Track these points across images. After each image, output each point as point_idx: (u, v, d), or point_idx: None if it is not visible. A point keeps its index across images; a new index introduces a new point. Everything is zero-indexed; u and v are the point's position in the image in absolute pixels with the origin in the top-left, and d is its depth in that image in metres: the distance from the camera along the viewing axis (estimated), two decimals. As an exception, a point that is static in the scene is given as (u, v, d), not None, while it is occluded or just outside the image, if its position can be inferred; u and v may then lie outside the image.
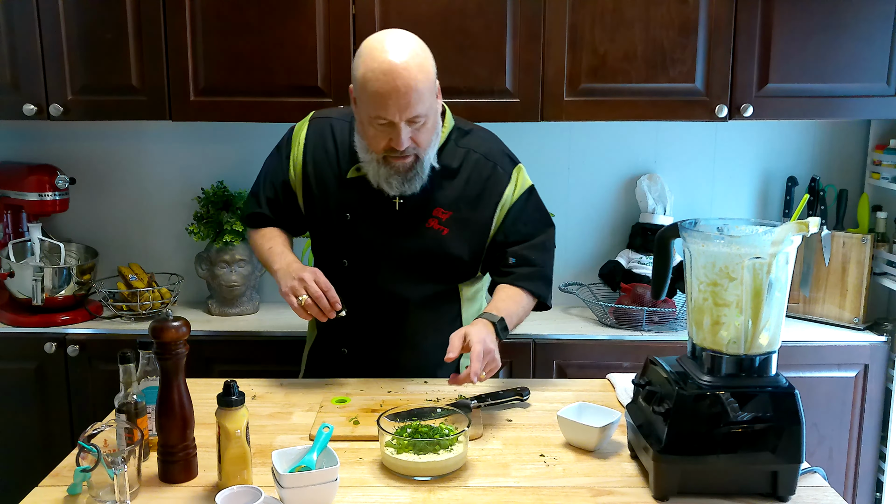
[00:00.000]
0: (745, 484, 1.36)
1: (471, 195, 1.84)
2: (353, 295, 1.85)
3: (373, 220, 1.84)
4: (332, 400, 1.72)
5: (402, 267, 1.85)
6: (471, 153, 1.85)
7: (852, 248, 2.54)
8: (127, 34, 2.40)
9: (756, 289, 1.33)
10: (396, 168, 1.74)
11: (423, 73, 1.65)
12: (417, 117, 1.67)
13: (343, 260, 1.87)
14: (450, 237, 1.83)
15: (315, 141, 1.88)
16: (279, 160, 1.93)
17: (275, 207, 1.94)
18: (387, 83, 1.62)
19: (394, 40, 1.66)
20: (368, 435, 1.55)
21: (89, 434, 1.34)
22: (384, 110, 1.64)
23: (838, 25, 2.36)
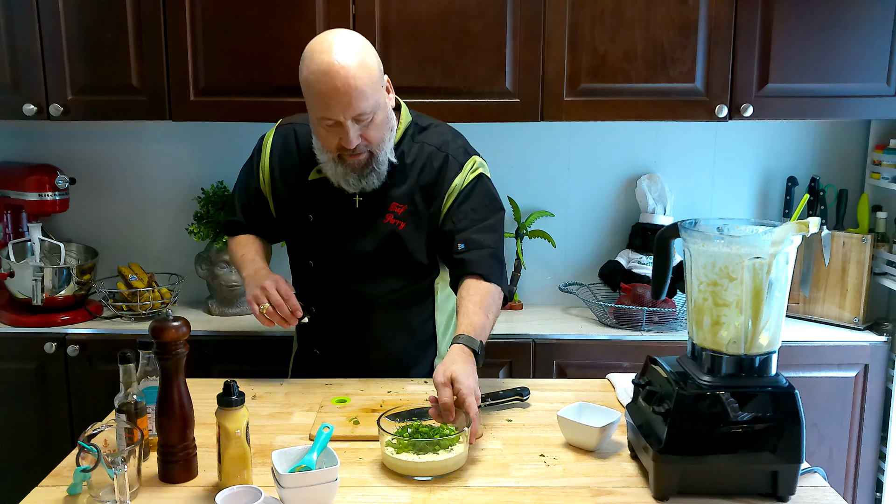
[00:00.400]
0: (745, 484, 1.36)
1: (424, 187, 1.84)
2: (321, 296, 1.89)
3: (334, 220, 1.86)
4: (332, 400, 1.72)
5: (364, 265, 1.86)
6: (425, 146, 1.86)
7: (852, 248, 2.54)
8: (127, 34, 2.40)
9: (756, 289, 1.33)
10: (352, 165, 1.76)
11: (364, 69, 1.65)
12: (362, 115, 1.68)
13: (309, 261, 1.90)
14: (406, 231, 1.84)
15: (281, 147, 1.92)
16: (250, 168, 1.97)
17: (248, 214, 1.97)
18: (326, 83, 1.64)
19: (333, 40, 1.67)
20: (368, 435, 1.55)
21: (89, 434, 1.34)
22: (328, 110, 1.67)
23: (838, 25, 2.36)
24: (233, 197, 2.04)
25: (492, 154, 2.66)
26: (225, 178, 2.73)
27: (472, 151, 1.90)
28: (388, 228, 1.84)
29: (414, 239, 1.85)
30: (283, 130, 1.94)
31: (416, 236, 1.85)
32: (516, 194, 2.74)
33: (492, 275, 1.78)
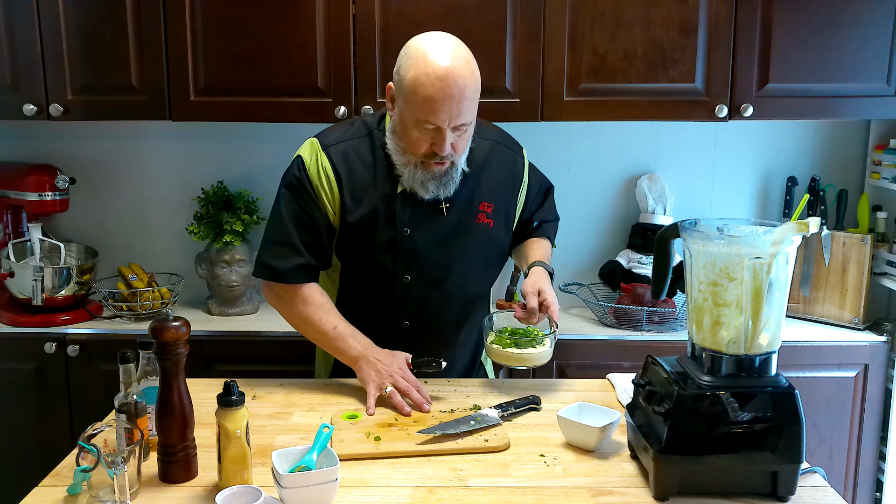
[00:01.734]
0: (745, 484, 1.36)
1: (504, 183, 1.91)
2: (418, 310, 1.86)
3: (430, 230, 1.82)
4: (342, 416, 1.65)
5: (464, 267, 1.87)
6: (495, 145, 1.91)
7: (852, 248, 2.54)
8: (127, 34, 2.40)
9: (756, 289, 1.33)
10: (433, 173, 1.74)
11: (475, 81, 1.66)
12: (464, 125, 1.68)
13: (405, 276, 1.83)
14: (496, 227, 1.89)
15: (344, 168, 1.79)
16: (306, 200, 1.79)
17: (317, 252, 1.81)
18: (441, 90, 1.60)
19: (447, 45, 1.65)
20: (396, 451, 1.50)
21: (89, 434, 1.34)
22: (434, 116, 1.63)
23: (838, 25, 2.36)
24: (286, 238, 1.79)
25: (492, 154, 2.67)
26: (225, 178, 2.73)
27: (520, 144, 2.01)
28: (482, 228, 1.87)
29: (502, 233, 1.91)
30: (338, 151, 1.79)
31: (502, 230, 1.91)
32: (516, 194, 2.74)
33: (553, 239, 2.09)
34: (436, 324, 1.89)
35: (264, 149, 2.77)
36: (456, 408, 1.70)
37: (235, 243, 2.59)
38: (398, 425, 1.61)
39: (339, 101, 2.41)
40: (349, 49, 2.39)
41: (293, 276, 1.80)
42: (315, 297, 1.82)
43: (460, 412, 1.67)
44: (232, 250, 2.59)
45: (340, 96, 2.41)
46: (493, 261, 1.95)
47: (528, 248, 1.97)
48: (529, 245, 1.98)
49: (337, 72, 2.40)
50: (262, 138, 2.76)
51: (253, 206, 2.67)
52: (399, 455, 1.49)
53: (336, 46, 2.39)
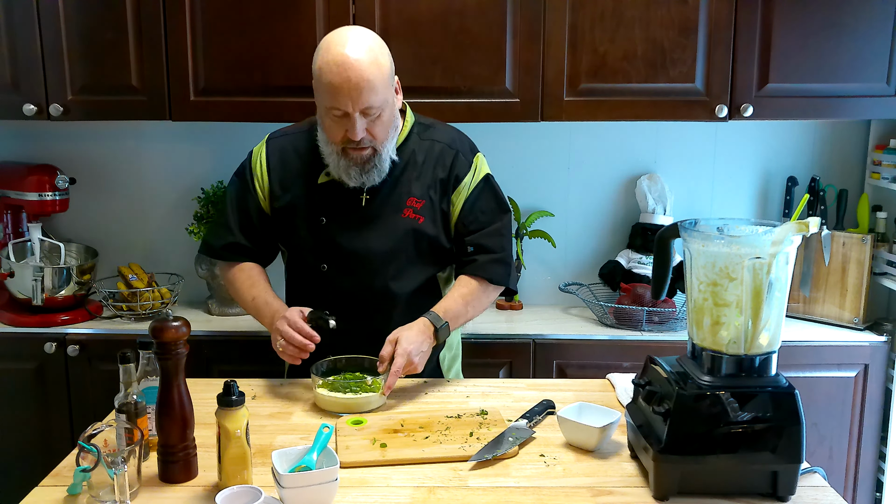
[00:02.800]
0: (745, 484, 1.36)
1: (438, 182, 1.90)
2: (335, 299, 1.88)
3: (347, 219, 1.88)
4: (347, 422, 1.64)
5: (383, 261, 1.88)
6: (434, 143, 1.92)
7: (852, 248, 2.54)
8: (127, 34, 2.40)
9: (756, 289, 1.33)
10: (354, 160, 1.80)
11: (377, 66, 1.72)
12: (370, 109, 1.73)
13: (322, 265, 1.90)
14: (425, 224, 1.88)
15: (277, 158, 1.93)
16: (243, 185, 1.95)
17: (249, 233, 1.95)
18: (339, 74, 1.69)
19: (349, 35, 1.74)
20: (403, 459, 1.49)
21: (89, 434, 1.34)
22: (337, 101, 1.71)
23: (838, 25, 2.36)
24: (224, 218, 1.97)
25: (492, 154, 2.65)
26: (225, 178, 2.71)
27: (476, 148, 1.98)
28: (407, 224, 1.87)
29: (433, 230, 1.89)
30: (275, 143, 1.96)
31: (435, 228, 1.90)
32: (516, 194, 2.74)
33: (494, 278, 1.92)
34: (357, 316, 1.88)
35: (264, 149, 2.77)
36: (462, 413, 1.69)
37: (235, 243, 2.58)
38: (404, 431, 1.60)
39: (339, 101, 2.41)
40: (349, 49, 2.39)
41: (226, 253, 1.96)
42: (243, 272, 1.95)
43: (467, 417, 1.67)
44: (232, 250, 2.59)
45: (340, 96, 2.41)
46: (424, 259, 1.91)
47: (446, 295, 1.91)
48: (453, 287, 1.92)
49: (337, 72, 2.40)
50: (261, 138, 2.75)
51: (253, 206, 2.67)
52: (406, 462, 1.48)
53: (336, 46, 2.39)
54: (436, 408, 1.74)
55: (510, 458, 1.51)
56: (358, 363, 1.83)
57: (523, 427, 1.61)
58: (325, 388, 1.73)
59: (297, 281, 2.00)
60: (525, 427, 1.61)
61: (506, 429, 1.60)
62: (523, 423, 1.63)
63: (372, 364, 1.80)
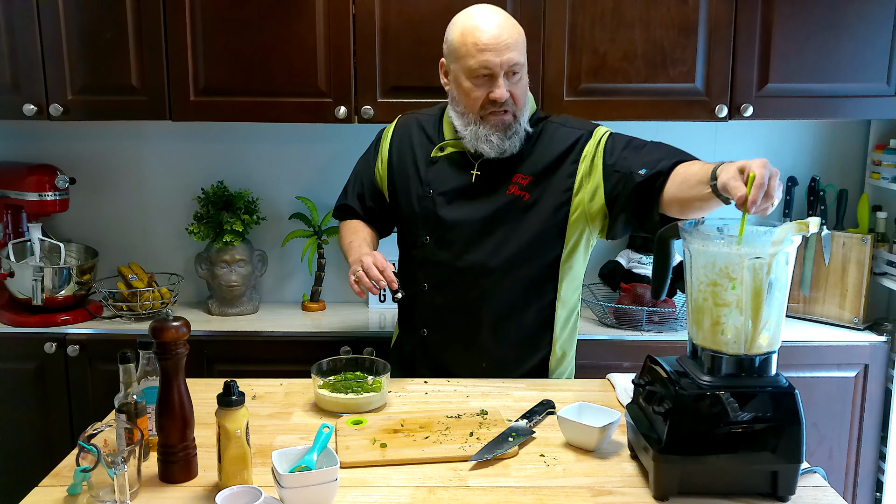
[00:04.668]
0: (745, 484, 1.36)
1: (549, 159, 1.89)
2: (435, 273, 1.92)
3: (453, 193, 1.91)
4: (346, 422, 1.64)
5: (481, 235, 1.88)
6: (549, 123, 1.94)
7: (852, 248, 2.54)
8: (127, 34, 2.40)
9: (756, 289, 1.33)
10: (495, 125, 1.83)
11: (517, 29, 1.82)
12: (515, 67, 1.80)
13: (425, 237, 1.92)
14: (531, 202, 1.87)
15: (401, 135, 2.03)
16: (366, 160, 2.09)
17: (362, 201, 2.07)
18: (487, 32, 1.78)
19: (486, 7, 1.85)
20: (403, 459, 1.49)
21: (89, 434, 1.34)
22: (485, 59, 1.77)
23: (838, 25, 2.36)
24: (348, 183, 2.12)
25: (492, 154, 2.67)
26: (225, 178, 2.73)
27: (595, 123, 1.95)
28: (511, 199, 1.88)
29: (539, 209, 1.87)
30: (404, 121, 2.06)
31: (540, 207, 1.87)
32: (516, 194, 2.74)
33: (686, 158, 1.73)
34: (452, 291, 1.90)
35: (264, 149, 2.77)
36: (462, 413, 1.69)
37: (235, 243, 2.59)
38: (404, 431, 1.60)
39: (339, 101, 2.41)
40: (349, 49, 2.39)
41: (338, 212, 2.14)
42: (350, 223, 2.08)
43: (467, 417, 1.67)
44: (232, 250, 2.59)
45: (340, 96, 2.41)
46: (526, 240, 1.86)
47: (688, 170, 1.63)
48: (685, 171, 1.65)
49: (337, 72, 2.40)
50: (262, 138, 2.76)
51: (253, 205, 2.67)
52: (406, 462, 1.48)
53: (336, 46, 2.39)
54: (436, 408, 1.74)
55: (510, 458, 1.51)
56: (358, 363, 1.83)
57: (523, 427, 1.61)
58: (326, 388, 1.73)
59: (404, 255, 2.04)
60: (525, 427, 1.61)
61: (506, 429, 1.60)
62: (523, 423, 1.63)
63: (372, 364, 1.80)
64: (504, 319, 1.91)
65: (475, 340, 1.92)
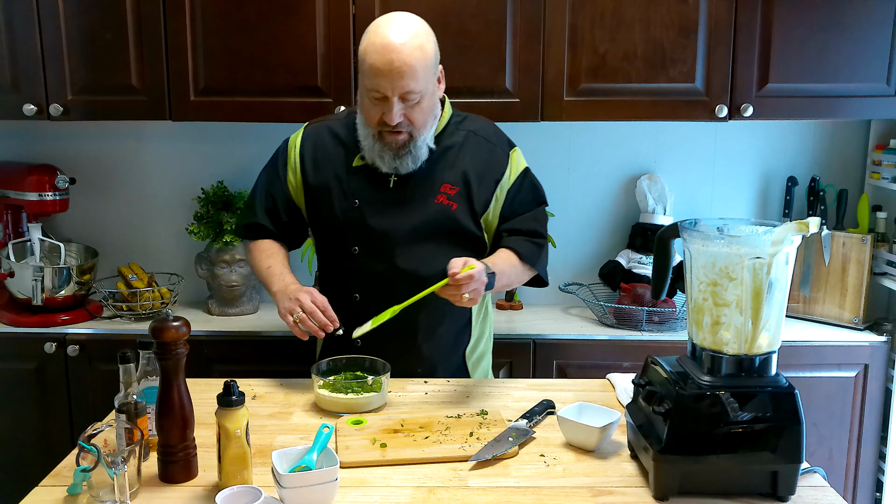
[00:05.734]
0: (745, 484, 1.36)
1: (474, 172, 1.90)
2: (365, 282, 1.90)
3: (379, 202, 1.89)
4: (346, 422, 1.64)
5: (412, 244, 1.88)
6: (471, 134, 1.94)
7: (852, 248, 2.54)
8: (127, 34, 2.40)
9: (756, 289, 1.33)
10: (389, 144, 1.81)
11: (421, 52, 1.73)
12: (410, 94, 1.74)
13: (354, 248, 1.90)
14: (458, 211, 1.88)
15: (313, 143, 1.95)
16: (275, 171, 1.98)
17: (273, 217, 1.98)
18: (382, 57, 1.71)
19: (396, 19, 1.76)
20: (403, 459, 1.49)
21: (89, 434, 1.34)
22: (378, 83, 1.72)
23: (838, 25, 2.36)
24: (252, 200, 2.02)
25: (492, 154, 2.67)
26: (225, 178, 2.73)
27: (513, 144, 1.99)
28: (440, 209, 1.88)
29: (466, 218, 1.90)
30: (312, 129, 1.98)
31: (467, 217, 1.90)
32: (516, 194, 2.74)
33: (524, 253, 1.91)
34: (385, 299, 1.86)
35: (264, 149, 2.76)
36: (462, 413, 1.69)
37: (235, 243, 2.59)
38: (404, 431, 1.60)
39: (339, 101, 2.41)
40: (349, 49, 2.39)
41: (247, 232, 2.01)
42: (261, 244, 1.98)
43: (467, 417, 1.67)
44: (232, 250, 2.59)
45: (340, 96, 2.41)
46: (455, 245, 1.89)
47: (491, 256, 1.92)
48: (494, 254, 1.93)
49: (337, 72, 2.40)
50: (262, 138, 2.75)
51: (253, 206, 2.67)
52: (406, 462, 1.48)
53: (336, 46, 2.39)
54: (436, 408, 1.74)
55: (510, 458, 1.51)
56: (358, 363, 1.83)
57: (523, 427, 1.61)
58: (326, 388, 1.73)
59: (328, 266, 2.00)
60: (525, 427, 1.61)
61: (506, 429, 1.60)
62: (523, 423, 1.63)
63: (372, 364, 1.80)
64: (437, 324, 1.94)
65: (411, 347, 1.92)
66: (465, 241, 1.92)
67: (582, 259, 2.82)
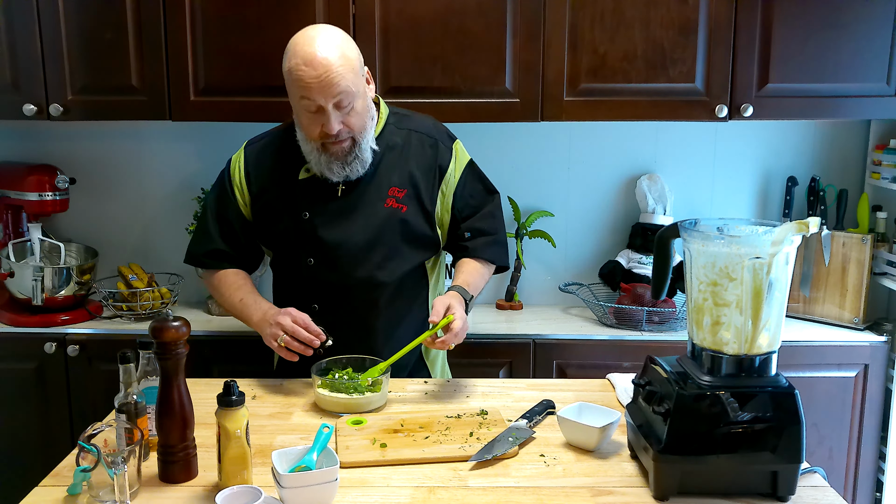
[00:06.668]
0: (745, 484, 1.36)
1: (419, 170, 1.92)
2: (322, 293, 1.91)
3: (329, 212, 1.90)
4: (347, 422, 1.64)
5: (366, 251, 1.89)
6: (412, 133, 1.96)
7: (852, 248, 2.54)
8: (127, 34, 2.40)
9: (756, 289, 1.33)
10: (335, 154, 1.83)
11: (344, 59, 1.76)
12: (343, 101, 1.76)
13: (308, 260, 1.91)
14: (409, 213, 1.90)
15: (255, 162, 1.96)
16: (222, 193, 1.98)
17: (230, 240, 1.98)
18: (308, 72, 1.74)
19: (313, 34, 1.78)
20: (403, 459, 1.49)
21: (89, 434, 1.34)
22: (309, 95, 1.75)
23: (838, 25, 2.36)
24: (205, 226, 1.99)
25: (492, 154, 2.67)
26: (225, 178, 2.73)
27: (453, 135, 2.02)
28: (390, 213, 1.89)
29: (417, 219, 1.91)
30: (252, 149, 1.99)
31: (418, 217, 1.91)
32: (516, 194, 2.74)
33: (495, 259, 2.00)
34: (344, 307, 1.91)
35: (264, 149, 2.77)
36: (462, 413, 1.70)
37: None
38: (404, 431, 1.60)
39: (339, 101, 2.41)
40: (349, 49, 2.39)
41: (208, 260, 2.00)
42: (228, 277, 1.98)
43: (467, 417, 1.67)
44: (232, 250, 2.59)
45: (340, 96, 2.41)
46: (409, 248, 1.92)
47: (456, 271, 1.97)
48: (458, 267, 1.98)
49: (337, 72, 2.40)
50: (262, 138, 2.76)
51: (253, 206, 2.67)
52: (406, 462, 1.48)
53: (336, 46, 2.39)
54: (436, 408, 1.74)
55: (510, 458, 1.51)
56: (358, 363, 1.83)
57: (523, 427, 1.61)
58: (326, 388, 1.73)
59: (283, 279, 2.01)
60: (525, 427, 1.61)
61: (506, 429, 1.60)
62: (523, 423, 1.63)
63: (372, 364, 1.80)
64: (394, 326, 1.95)
65: (371, 352, 1.91)
66: (418, 242, 1.94)
67: (582, 259, 2.83)
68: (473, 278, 1.93)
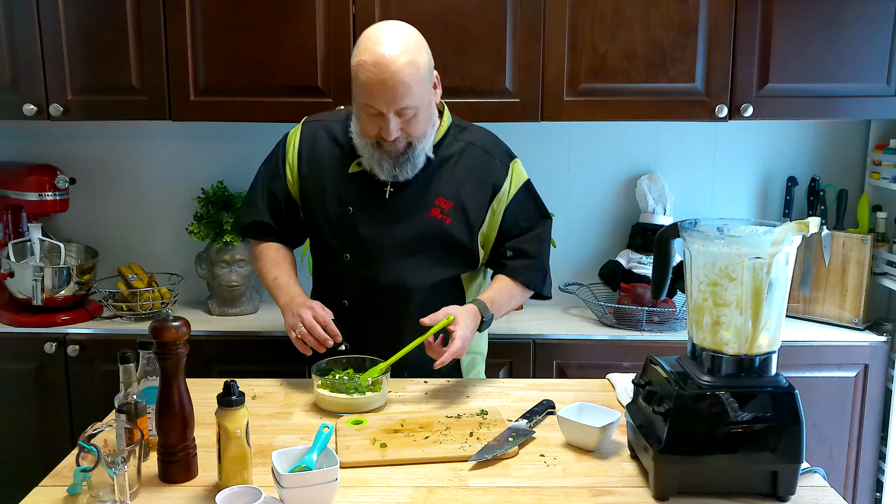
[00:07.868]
0: (745, 484, 1.36)
1: (471, 185, 1.89)
2: (356, 290, 1.90)
3: (373, 211, 1.87)
4: (347, 422, 1.64)
5: (402, 256, 1.87)
6: (470, 146, 1.92)
7: (852, 248, 2.54)
8: (127, 34, 2.40)
9: (756, 289, 1.33)
10: (388, 153, 1.80)
11: (413, 66, 1.70)
12: (406, 109, 1.72)
13: (345, 255, 1.90)
14: (452, 226, 1.87)
15: (309, 143, 1.93)
16: (274, 167, 1.96)
17: (275, 214, 1.97)
18: (375, 75, 1.68)
19: (389, 32, 1.72)
20: (403, 459, 1.49)
21: (89, 434, 1.34)
22: (372, 100, 1.71)
23: (838, 25, 2.36)
24: (254, 197, 1.99)
25: (492, 154, 2.67)
26: (225, 178, 2.73)
27: (512, 154, 1.97)
28: (433, 223, 1.87)
29: (459, 232, 1.88)
30: (310, 128, 1.95)
31: (461, 230, 1.89)
32: (516, 194, 2.74)
33: (530, 283, 1.95)
34: (374, 307, 1.89)
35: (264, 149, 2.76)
36: (462, 413, 1.70)
37: (235, 243, 2.59)
38: (404, 431, 1.60)
39: (339, 100, 2.41)
40: (349, 49, 2.38)
41: (252, 231, 1.98)
42: (269, 251, 1.96)
43: (467, 417, 1.67)
44: (232, 250, 2.59)
45: (340, 96, 2.41)
46: (447, 259, 1.90)
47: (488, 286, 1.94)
48: (491, 283, 1.95)
49: (337, 72, 2.40)
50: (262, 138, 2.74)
51: (253, 206, 2.67)
52: (406, 462, 1.48)
53: (336, 46, 2.39)
54: (436, 408, 1.74)
55: (510, 458, 1.51)
56: (359, 363, 1.83)
57: (523, 427, 1.61)
58: (326, 388, 1.73)
59: (321, 268, 1.99)
60: (525, 427, 1.61)
61: (506, 429, 1.60)
62: (523, 423, 1.63)
63: (373, 364, 1.80)
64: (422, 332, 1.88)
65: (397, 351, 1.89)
66: (456, 255, 1.91)
67: (582, 259, 2.83)
68: (501, 296, 1.89)
